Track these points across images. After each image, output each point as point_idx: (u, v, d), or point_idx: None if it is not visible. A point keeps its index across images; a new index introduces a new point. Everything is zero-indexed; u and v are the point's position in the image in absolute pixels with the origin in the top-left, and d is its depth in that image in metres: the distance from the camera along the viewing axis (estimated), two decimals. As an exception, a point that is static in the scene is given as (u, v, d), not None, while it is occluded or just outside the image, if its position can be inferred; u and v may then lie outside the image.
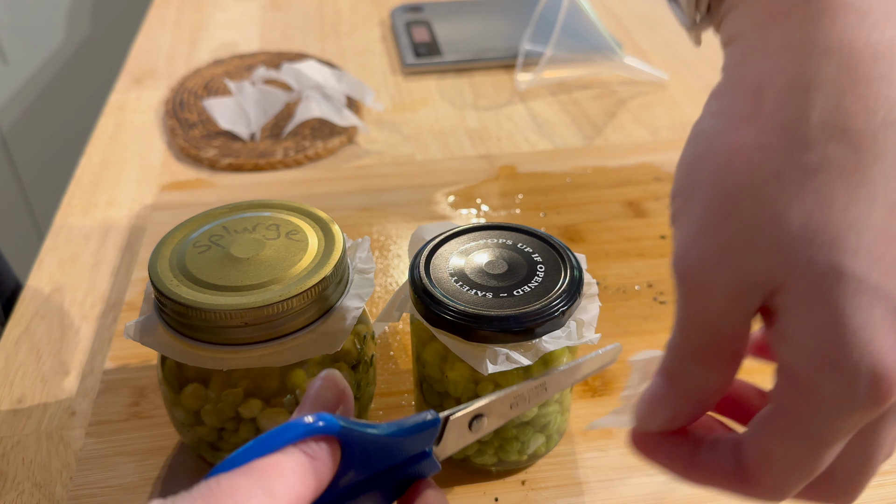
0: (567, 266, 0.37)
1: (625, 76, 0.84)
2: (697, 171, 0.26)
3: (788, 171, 0.23)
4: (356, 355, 0.38)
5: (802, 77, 0.24)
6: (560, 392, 0.36)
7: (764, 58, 0.25)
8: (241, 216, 0.39)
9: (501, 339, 0.34)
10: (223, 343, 0.34)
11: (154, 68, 0.88)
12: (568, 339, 0.35)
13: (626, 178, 0.64)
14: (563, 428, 0.41)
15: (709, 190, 0.25)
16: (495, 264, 0.37)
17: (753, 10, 0.26)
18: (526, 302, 0.35)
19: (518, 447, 0.39)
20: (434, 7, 0.99)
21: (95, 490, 0.40)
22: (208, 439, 0.37)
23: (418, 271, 0.36)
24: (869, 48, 0.23)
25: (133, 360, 0.47)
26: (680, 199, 0.26)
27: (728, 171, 0.24)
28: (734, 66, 0.26)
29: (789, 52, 0.24)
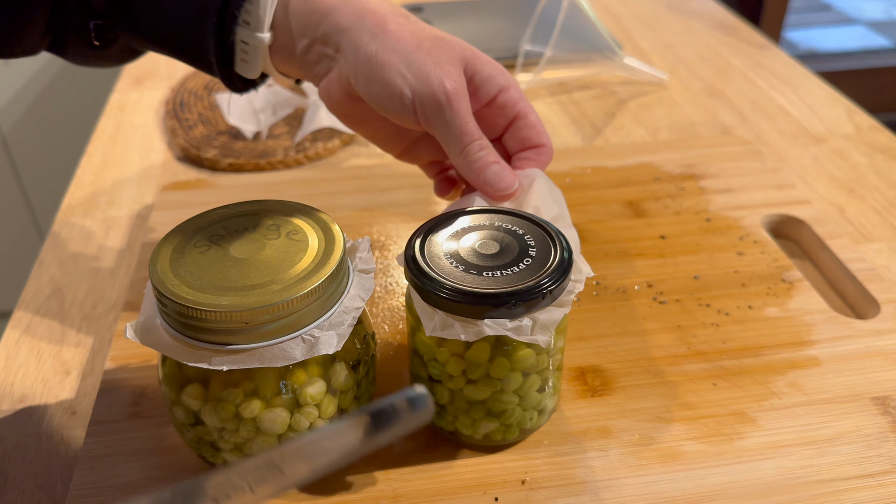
0: (551, 265, 0.37)
1: (624, 76, 0.84)
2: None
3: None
4: (356, 355, 0.38)
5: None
6: (522, 382, 0.38)
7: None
8: (241, 216, 0.39)
9: (452, 308, 0.36)
10: (223, 343, 0.34)
11: (155, 68, 0.88)
12: (513, 332, 0.35)
13: (625, 179, 0.64)
14: (523, 422, 0.40)
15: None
16: (488, 245, 0.38)
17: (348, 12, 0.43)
18: (489, 284, 0.36)
19: (469, 423, 0.40)
20: (434, 7, 0.99)
21: (95, 490, 0.40)
22: (208, 439, 0.37)
23: (417, 238, 0.38)
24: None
25: (133, 360, 0.47)
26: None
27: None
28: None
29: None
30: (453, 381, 0.39)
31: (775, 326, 0.49)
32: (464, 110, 0.42)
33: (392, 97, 0.42)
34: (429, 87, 0.41)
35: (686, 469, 0.40)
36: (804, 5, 2.72)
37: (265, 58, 0.45)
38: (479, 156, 0.42)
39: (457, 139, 0.42)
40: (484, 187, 0.42)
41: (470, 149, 0.42)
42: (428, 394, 0.26)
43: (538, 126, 0.45)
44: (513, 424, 0.40)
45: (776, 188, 0.62)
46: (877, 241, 0.59)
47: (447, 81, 0.42)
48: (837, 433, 0.42)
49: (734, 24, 0.98)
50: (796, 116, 0.76)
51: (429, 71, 0.41)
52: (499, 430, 0.40)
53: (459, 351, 0.38)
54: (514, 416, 0.40)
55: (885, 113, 2.07)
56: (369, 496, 0.39)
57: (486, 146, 0.43)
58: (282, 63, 0.45)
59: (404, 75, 0.41)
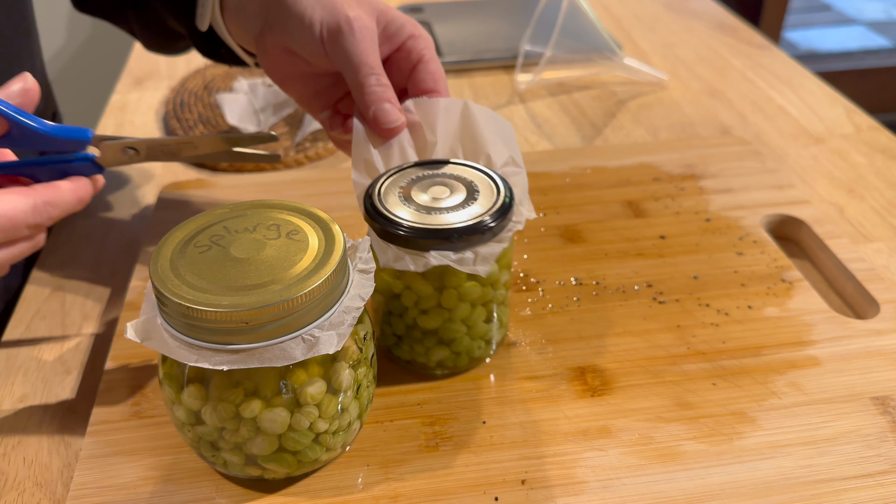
0: (495, 202, 0.41)
1: (624, 77, 0.84)
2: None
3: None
4: (356, 355, 0.38)
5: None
6: (470, 312, 0.43)
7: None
8: (241, 216, 0.39)
9: (402, 242, 0.40)
10: (223, 343, 0.34)
11: (155, 69, 0.88)
12: (456, 263, 0.40)
13: (625, 179, 0.64)
14: (472, 350, 0.45)
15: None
16: (439, 190, 0.43)
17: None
18: (437, 222, 0.40)
19: (423, 352, 0.45)
20: (434, 8, 0.99)
21: (96, 490, 0.40)
22: (209, 439, 0.37)
23: (375, 184, 0.43)
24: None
25: (133, 360, 0.47)
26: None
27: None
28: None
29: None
30: (408, 313, 0.43)
31: (775, 326, 0.49)
32: (366, 42, 0.47)
33: (303, 27, 0.47)
34: (335, 17, 0.47)
35: (686, 469, 0.40)
36: (804, 5, 2.72)
37: (216, 11, 0.52)
38: (375, 90, 0.46)
39: (357, 69, 0.46)
40: (371, 120, 0.46)
41: (368, 80, 0.46)
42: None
43: (437, 73, 0.49)
44: (462, 352, 0.45)
45: (776, 188, 0.62)
46: (876, 241, 0.59)
47: (351, 13, 0.47)
48: (837, 433, 0.42)
49: (734, 25, 0.98)
50: (796, 116, 0.76)
51: (337, 6, 0.47)
52: (450, 357, 0.45)
53: (412, 284, 0.42)
54: (463, 344, 0.44)
55: (885, 113, 2.07)
56: (369, 496, 0.39)
57: (384, 83, 0.46)
58: (231, 20, 0.53)
59: (314, 7, 0.47)
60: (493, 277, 0.43)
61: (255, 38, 0.52)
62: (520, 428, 0.43)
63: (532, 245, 0.57)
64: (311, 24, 0.47)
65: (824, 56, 2.38)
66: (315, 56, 0.49)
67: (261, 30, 0.51)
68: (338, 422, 0.38)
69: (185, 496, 0.40)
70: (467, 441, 0.42)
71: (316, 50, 0.48)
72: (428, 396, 0.45)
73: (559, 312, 0.51)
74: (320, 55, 0.48)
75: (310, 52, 0.49)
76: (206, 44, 0.56)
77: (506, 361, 0.47)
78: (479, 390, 0.45)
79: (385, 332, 0.46)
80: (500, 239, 0.41)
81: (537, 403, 0.44)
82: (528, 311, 0.51)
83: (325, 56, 0.48)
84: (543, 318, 0.50)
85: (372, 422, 0.43)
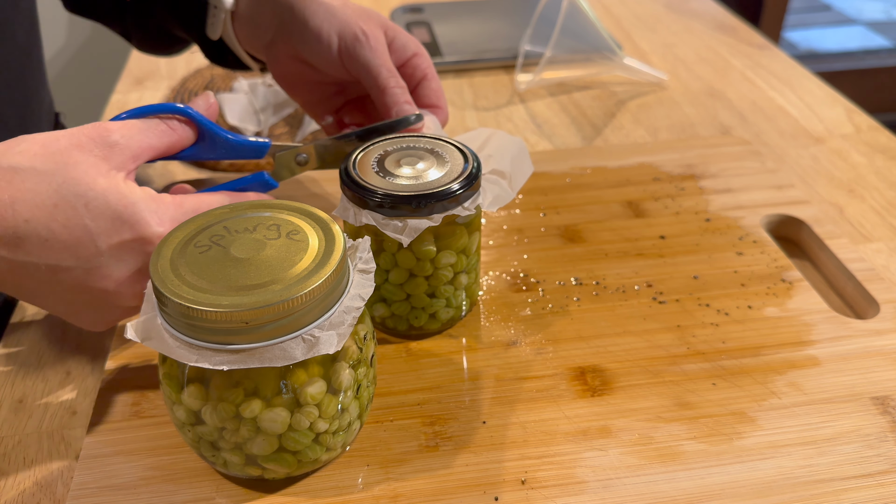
0: (462, 176, 0.44)
1: (624, 77, 0.84)
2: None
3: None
4: (356, 355, 0.38)
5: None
6: (407, 280, 0.46)
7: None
8: (241, 216, 0.39)
9: (347, 195, 0.44)
10: (223, 343, 0.34)
11: (155, 69, 0.88)
12: (381, 226, 0.43)
13: (625, 179, 0.64)
14: (412, 318, 0.47)
15: None
16: (410, 161, 0.45)
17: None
18: (388, 186, 0.43)
19: (368, 303, 0.46)
20: (434, 8, 0.99)
21: (96, 490, 0.40)
22: (208, 439, 0.37)
23: (353, 153, 0.46)
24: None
25: (133, 360, 0.47)
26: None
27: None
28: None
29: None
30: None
31: (775, 326, 0.49)
32: (381, 49, 0.51)
33: (320, 40, 0.51)
34: (350, 29, 0.51)
35: (685, 469, 0.40)
36: (804, 5, 2.72)
37: (227, 22, 0.55)
38: (396, 91, 0.50)
39: (377, 73, 0.51)
40: (394, 118, 0.50)
41: (389, 82, 0.50)
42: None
43: (439, 91, 0.54)
44: (402, 316, 0.47)
45: (776, 188, 0.62)
46: (876, 241, 0.59)
47: (365, 26, 0.51)
48: (837, 433, 0.42)
49: (734, 25, 0.98)
50: (796, 116, 0.76)
51: (350, 20, 0.51)
52: (390, 318, 0.48)
53: (357, 238, 0.44)
54: (402, 309, 0.47)
55: (885, 113, 2.07)
56: (369, 496, 0.39)
57: (403, 85, 0.51)
58: (241, 30, 0.55)
59: (331, 22, 0.51)
60: (429, 254, 0.45)
61: (265, 47, 0.54)
62: (520, 428, 0.43)
63: (532, 245, 0.57)
64: (329, 36, 0.51)
65: (824, 56, 2.38)
66: (330, 66, 0.52)
67: (272, 40, 0.54)
68: (338, 422, 0.38)
69: (185, 496, 0.40)
70: (467, 441, 0.42)
71: (331, 60, 0.52)
72: (428, 396, 0.45)
73: (559, 312, 0.51)
74: (335, 65, 0.52)
75: (325, 62, 0.52)
76: (212, 49, 0.58)
77: (506, 361, 0.47)
78: (479, 390, 0.45)
79: None
80: (431, 218, 0.43)
81: (537, 403, 0.44)
82: (528, 311, 0.51)
83: (341, 66, 0.52)
84: (543, 318, 0.50)
85: (372, 422, 0.43)
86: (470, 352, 0.48)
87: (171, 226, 0.41)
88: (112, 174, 0.40)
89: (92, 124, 0.41)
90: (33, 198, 0.37)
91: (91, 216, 0.38)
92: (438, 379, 0.46)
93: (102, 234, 0.39)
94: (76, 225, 0.38)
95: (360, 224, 0.43)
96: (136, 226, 0.39)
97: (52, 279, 0.39)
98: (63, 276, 0.39)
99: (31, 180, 0.37)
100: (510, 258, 0.56)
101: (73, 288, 0.40)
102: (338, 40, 0.51)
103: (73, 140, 0.39)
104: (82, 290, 0.40)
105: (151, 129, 0.42)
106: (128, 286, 0.41)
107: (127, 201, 0.39)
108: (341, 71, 0.52)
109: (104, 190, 0.39)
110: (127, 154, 0.41)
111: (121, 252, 0.40)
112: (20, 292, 0.40)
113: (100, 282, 0.40)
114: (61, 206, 0.38)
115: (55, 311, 0.42)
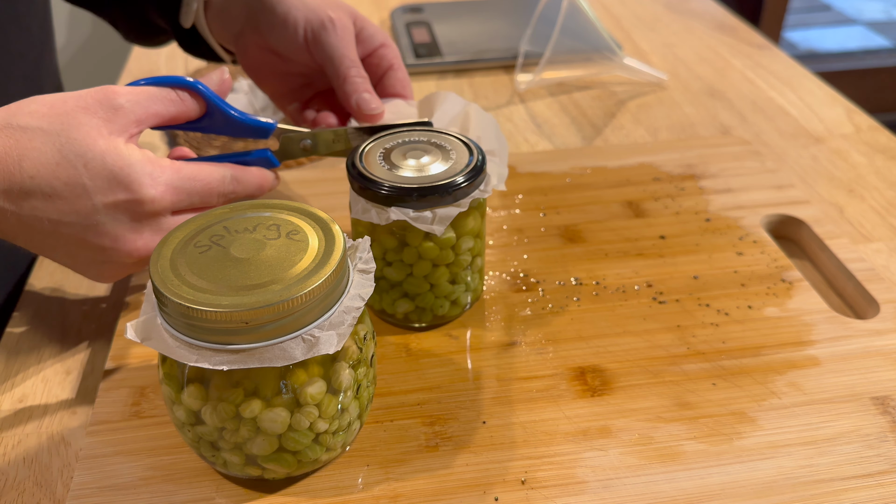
0: (465, 167, 0.44)
1: (624, 77, 0.84)
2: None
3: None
4: (356, 355, 0.38)
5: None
6: (432, 271, 0.46)
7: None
8: (241, 216, 0.39)
9: (368, 196, 0.44)
10: (223, 343, 0.34)
11: (155, 69, 0.88)
12: (413, 220, 0.43)
13: (625, 179, 0.64)
14: (436, 308, 0.48)
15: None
16: (416, 153, 0.46)
17: None
18: (404, 181, 0.43)
19: (390, 303, 0.48)
20: (434, 8, 0.99)
21: (96, 489, 0.40)
22: (208, 439, 0.37)
23: (359, 147, 0.46)
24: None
25: (133, 360, 0.47)
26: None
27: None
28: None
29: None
30: (377, 264, 0.46)
31: (775, 326, 0.49)
32: (347, 38, 0.52)
33: (286, 26, 0.52)
34: (317, 16, 0.52)
35: (685, 469, 0.40)
36: (804, 5, 2.72)
37: (200, 12, 0.56)
38: (357, 80, 0.51)
39: (340, 61, 0.51)
40: (354, 107, 0.51)
41: (350, 71, 0.51)
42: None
43: (405, 81, 0.55)
44: (426, 308, 0.48)
45: (776, 188, 0.62)
46: (876, 241, 0.59)
47: (332, 13, 0.52)
48: (837, 433, 0.42)
49: (734, 25, 0.98)
50: (796, 116, 0.76)
51: (318, 8, 0.52)
52: (414, 311, 0.48)
53: (379, 237, 0.46)
54: (427, 300, 0.47)
55: (885, 113, 2.07)
56: (369, 496, 0.39)
57: (364, 75, 0.52)
58: (213, 20, 0.56)
59: (299, 8, 0.52)
60: (450, 241, 0.46)
61: (235, 37, 0.55)
62: (520, 428, 0.43)
63: (532, 245, 0.57)
64: (296, 23, 0.52)
65: (824, 56, 2.38)
66: (297, 53, 0.53)
67: (241, 29, 0.55)
68: (338, 422, 0.38)
69: (185, 496, 0.40)
70: (467, 441, 0.42)
71: (298, 47, 0.53)
72: (428, 396, 0.45)
73: (559, 312, 0.51)
74: (302, 52, 0.53)
75: (292, 49, 0.53)
76: (187, 40, 0.59)
77: (506, 361, 0.47)
78: (479, 390, 0.45)
79: None
80: (459, 204, 0.44)
81: (537, 403, 0.44)
82: (528, 311, 0.51)
83: (307, 53, 0.53)
84: (543, 318, 0.50)
85: (372, 422, 0.43)
86: (470, 352, 0.48)
87: (166, 189, 0.42)
88: (113, 137, 0.41)
89: (101, 87, 0.42)
90: (38, 156, 0.39)
91: (89, 175, 0.40)
92: (438, 379, 0.46)
93: (98, 192, 0.41)
94: (76, 183, 0.40)
95: (386, 222, 0.43)
96: (129, 186, 0.41)
97: (56, 233, 0.41)
98: (65, 231, 0.41)
99: (38, 139, 0.40)
100: (510, 258, 0.56)
101: (75, 242, 0.42)
102: (304, 26, 0.52)
103: (80, 102, 0.41)
104: (83, 244, 0.42)
105: (159, 97, 0.44)
106: (124, 244, 0.43)
107: (123, 163, 0.41)
108: (307, 57, 0.53)
109: (103, 151, 0.41)
110: (130, 118, 0.42)
111: (115, 211, 0.41)
112: (30, 244, 0.43)
113: (97, 238, 0.42)
114: (63, 165, 0.40)
115: (64, 263, 0.44)
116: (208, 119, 0.47)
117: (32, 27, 0.60)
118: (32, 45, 0.61)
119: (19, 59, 0.59)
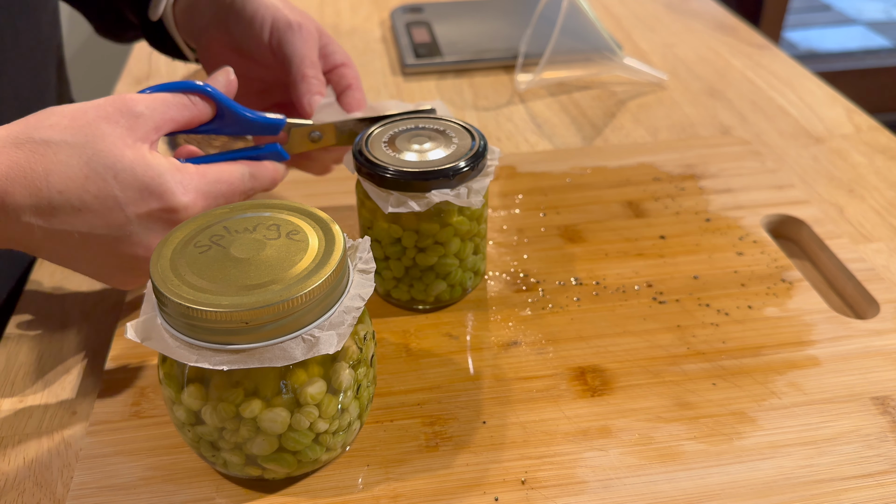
0: (473, 145, 0.46)
1: (624, 77, 0.84)
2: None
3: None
4: (356, 355, 0.38)
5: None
6: (461, 246, 0.48)
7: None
8: (241, 216, 0.39)
9: (404, 187, 0.44)
10: (223, 343, 0.34)
11: (155, 68, 0.88)
12: (454, 198, 0.45)
13: (625, 179, 0.64)
14: (464, 282, 0.50)
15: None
16: (420, 140, 0.47)
17: None
18: (429, 165, 0.45)
19: (423, 288, 0.49)
20: (434, 8, 0.99)
21: (96, 489, 0.40)
22: (208, 439, 0.37)
23: (364, 134, 0.48)
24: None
25: (133, 360, 0.47)
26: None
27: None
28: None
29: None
30: (407, 254, 0.48)
31: (775, 326, 0.49)
32: (310, 42, 0.53)
33: (253, 25, 0.53)
34: (286, 18, 0.53)
35: (685, 469, 0.40)
36: (804, 5, 2.72)
37: (168, 5, 0.57)
38: (313, 81, 0.53)
39: (301, 61, 0.53)
40: (305, 107, 0.52)
41: (308, 71, 0.53)
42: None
43: (362, 102, 0.56)
44: (456, 285, 0.50)
45: (776, 188, 0.62)
46: (876, 241, 0.59)
47: (301, 19, 0.53)
48: (837, 433, 0.42)
49: (734, 25, 0.98)
50: (796, 116, 0.76)
51: (287, 11, 0.53)
52: (446, 290, 0.50)
53: (412, 226, 0.46)
54: (457, 276, 0.49)
55: (885, 113, 2.07)
56: (369, 496, 0.39)
57: (321, 78, 0.53)
58: (181, 15, 0.57)
59: (267, 7, 0.53)
60: (478, 212, 0.48)
61: (199, 32, 0.56)
62: (520, 428, 0.43)
63: (532, 245, 0.57)
64: (263, 21, 0.53)
65: (824, 56, 2.38)
66: (260, 52, 0.54)
67: (207, 25, 0.56)
68: (338, 422, 0.38)
69: (185, 496, 0.40)
70: (467, 441, 0.42)
71: (262, 46, 0.54)
72: (428, 396, 0.45)
73: (559, 312, 0.51)
74: (265, 52, 0.54)
75: (255, 47, 0.54)
76: (154, 35, 0.61)
77: (506, 361, 0.47)
78: (479, 390, 0.45)
79: (385, 276, 0.50)
80: (487, 173, 0.46)
81: (537, 403, 0.44)
82: (528, 311, 0.51)
83: (270, 53, 0.54)
84: (543, 318, 0.50)
85: (372, 422, 0.43)
86: (470, 352, 0.48)
87: (197, 195, 0.43)
88: (138, 145, 0.42)
89: (117, 96, 0.43)
90: (66, 170, 0.39)
91: (120, 187, 0.40)
92: (438, 379, 0.46)
93: (131, 203, 0.41)
94: (107, 195, 0.40)
95: (426, 208, 0.45)
96: (163, 196, 0.42)
97: (85, 245, 0.41)
98: (95, 243, 0.41)
99: (64, 153, 0.39)
100: (510, 258, 0.56)
101: (105, 253, 0.42)
102: (271, 25, 0.53)
103: (100, 112, 0.41)
104: (113, 254, 0.42)
105: (173, 102, 0.44)
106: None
107: (154, 172, 0.41)
108: (270, 58, 0.54)
109: (132, 162, 0.41)
110: (150, 125, 0.43)
111: (149, 221, 0.42)
112: (54, 257, 0.43)
113: (130, 248, 0.42)
114: (92, 178, 0.40)
115: (87, 273, 0.44)
116: (219, 120, 0.47)
117: (42, 25, 0.61)
118: (41, 39, 0.61)
119: (29, 52, 0.59)
